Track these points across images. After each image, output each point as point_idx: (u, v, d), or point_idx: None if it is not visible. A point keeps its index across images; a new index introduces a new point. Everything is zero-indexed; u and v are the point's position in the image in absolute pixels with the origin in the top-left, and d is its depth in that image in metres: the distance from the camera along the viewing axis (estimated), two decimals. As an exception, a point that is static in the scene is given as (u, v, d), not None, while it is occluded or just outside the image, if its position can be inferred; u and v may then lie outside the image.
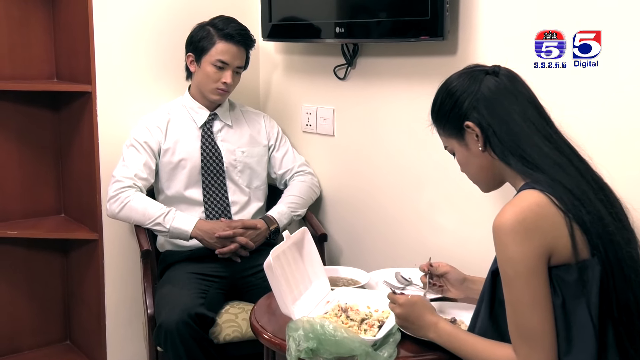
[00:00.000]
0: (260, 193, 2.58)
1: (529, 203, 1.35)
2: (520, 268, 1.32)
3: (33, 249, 2.83)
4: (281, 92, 2.85)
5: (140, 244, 2.37)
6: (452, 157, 1.60)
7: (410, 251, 2.35)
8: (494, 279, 1.43)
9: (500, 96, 1.46)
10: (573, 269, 1.34)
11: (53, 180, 2.85)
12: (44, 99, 2.77)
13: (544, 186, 1.37)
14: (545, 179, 1.38)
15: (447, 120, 1.53)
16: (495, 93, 1.47)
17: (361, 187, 2.53)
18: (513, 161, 1.43)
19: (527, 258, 1.32)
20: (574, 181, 1.38)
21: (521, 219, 1.33)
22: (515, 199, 1.38)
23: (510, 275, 1.34)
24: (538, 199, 1.35)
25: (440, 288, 1.86)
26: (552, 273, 1.35)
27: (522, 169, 1.42)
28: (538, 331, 1.32)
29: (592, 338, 1.32)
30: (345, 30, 2.34)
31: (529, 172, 1.41)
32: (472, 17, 2.06)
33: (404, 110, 2.32)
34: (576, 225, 1.34)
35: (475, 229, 2.13)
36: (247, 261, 2.39)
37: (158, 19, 2.65)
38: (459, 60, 2.08)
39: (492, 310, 1.45)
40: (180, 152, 2.46)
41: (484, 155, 1.49)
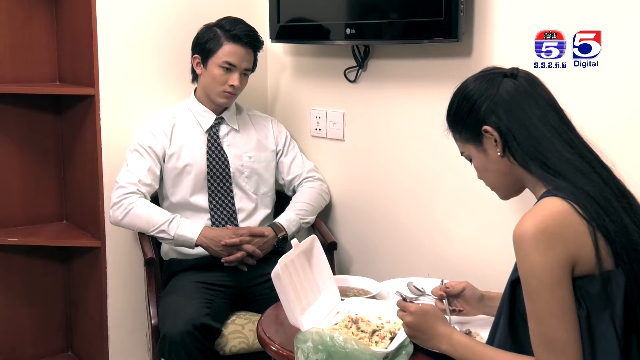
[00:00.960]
0: (267, 200, 2.57)
1: (551, 211, 1.33)
2: (544, 278, 1.31)
3: (34, 256, 2.83)
4: (290, 95, 2.84)
5: (144, 251, 2.36)
6: (467, 163, 1.59)
7: (424, 260, 2.33)
8: (514, 289, 1.41)
9: (519, 100, 1.45)
10: (597, 280, 1.32)
11: (55, 185, 2.85)
12: (46, 103, 2.78)
13: (567, 194, 1.35)
14: (568, 186, 1.37)
15: (463, 125, 1.51)
16: (514, 96, 1.45)
17: (372, 194, 2.52)
18: (534, 167, 1.42)
19: (551, 267, 1.30)
20: (597, 189, 1.36)
21: (543, 228, 1.31)
22: (536, 207, 1.37)
23: (533, 285, 1.32)
24: (560, 207, 1.34)
25: (460, 312, 1.80)
26: (576, 284, 1.33)
27: (543, 175, 1.41)
28: (564, 342, 1.31)
29: (616, 352, 1.30)
30: (356, 31, 2.33)
31: (551, 178, 1.40)
32: (488, 17, 2.05)
33: (417, 114, 2.31)
34: (600, 235, 1.32)
35: (492, 238, 2.11)
36: (254, 270, 2.38)
37: (163, 20, 2.65)
38: (474, 62, 2.07)
39: (511, 323, 1.43)
40: (185, 157, 2.45)
41: (503, 161, 1.47)
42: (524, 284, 1.34)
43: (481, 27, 2.06)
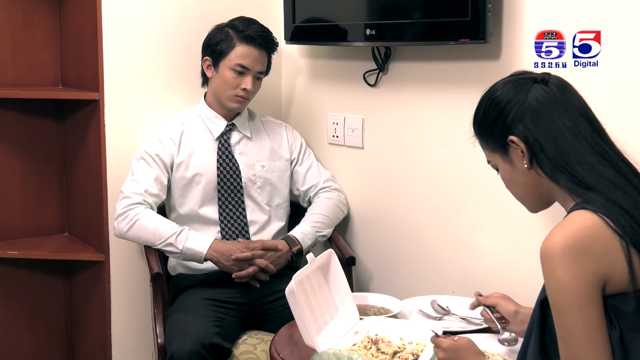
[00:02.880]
0: (281, 211, 2.58)
1: (580, 225, 1.33)
2: (572, 296, 1.30)
3: (34, 270, 2.84)
4: (305, 100, 2.85)
5: (150, 266, 2.37)
6: (495, 173, 1.59)
7: (448, 277, 2.33)
8: (543, 309, 1.41)
9: (548, 108, 1.45)
10: (631, 298, 1.32)
11: (56, 196, 2.87)
12: (48, 108, 2.80)
13: (598, 207, 1.35)
14: (599, 199, 1.36)
15: (490, 133, 1.52)
16: (543, 104, 1.46)
17: (393, 206, 2.51)
18: (562, 180, 1.42)
19: (579, 285, 1.30)
20: (632, 202, 1.36)
21: (572, 243, 1.31)
22: (564, 221, 1.36)
23: (560, 304, 1.32)
24: (590, 220, 1.33)
25: (505, 323, 1.79)
26: (608, 303, 1.33)
27: (573, 188, 1.41)
28: None
29: (653, 374, 1.30)
30: (376, 32, 2.34)
31: (581, 191, 1.40)
32: (518, 17, 2.04)
33: (442, 120, 2.31)
34: (634, 250, 1.32)
35: (520, 254, 2.11)
36: (267, 286, 2.38)
37: (172, 21, 2.67)
38: (503, 65, 2.07)
39: (542, 344, 1.42)
40: (194, 166, 2.47)
41: (530, 173, 1.48)
42: (552, 302, 1.34)
43: (510, 27, 2.06)
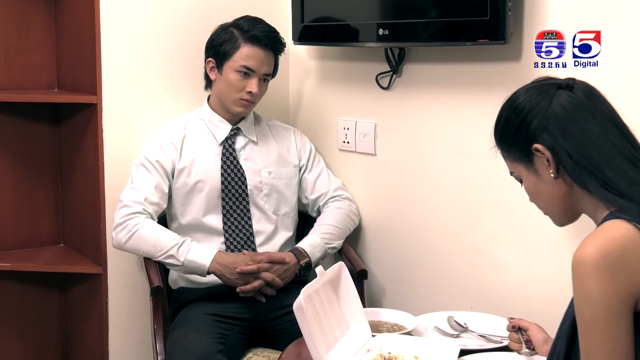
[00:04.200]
0: (289, 221, 2.58)
1: (614, 235, 1.33)
2: (600, 310, 1.30)
3: (27, 283, 2.85)
4: (314, 104, 2.85)
5: (150, 279, 2.38)
6: (516, 183, 1.59)
7: (466, 292, 2.32)
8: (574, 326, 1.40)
9: (575, 114, 1.45)
10: (665, 316, 1.31)
11: (51, 205, 2.88)
12: (43, 112, 2.81)
13: (633, 216, 1.34)
14: (634, 207, 1.36)
15: (512, 142, 1.52)
16: (569, 111, 1.46)
17: (408, 216, 2.51)
18: (594, 187, 1.42)
19: (608, 299, 1.30)
20: None
21: (605, 254, 1.30)
22: (598, 230, 1.36)
23: (586, 317, 1.32)
24: (626, 230, 1.33)
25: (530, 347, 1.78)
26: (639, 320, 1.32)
27: (605, 195, 1.40)
28: None
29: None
30: (389, 32, 2.34)
31: (615, 198, 1.39)
32: (540, 16, 2.04)
33: (459, 125, 2.30)
34: None
35: (543, 267, 2.10)
36: (274, 301, 2.38)
37: (174, 21, 2.68)
38: (524, 67, 2.07)
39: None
40: (197, 172, 2.47)
41: (558, 183, 1.47)
42: (578, 315, 1.34)
43: (532, 27, 2.06)
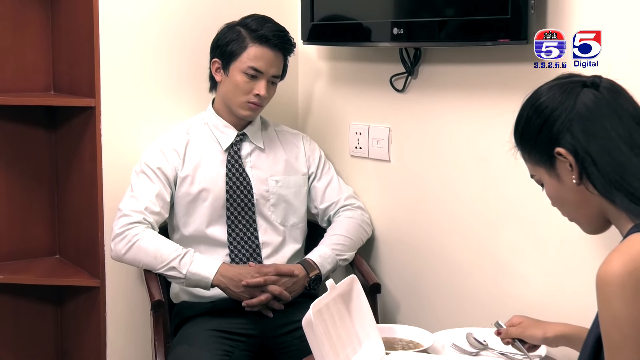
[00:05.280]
0: (297, 232, 2.58)
1: None
2: (630, 332, 1.29)
3: (21, 297, 2.85)
4: (325, 108, 2.85)
5: (151, 293, 2.37)
6: (539, 188, 1.58)
7: (485, 307, 2.31)
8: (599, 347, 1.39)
9: (600, 115, 1.44)
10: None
11: (46, 213, 2.88)
12: (38, 115, 2.82)
13: None
14: None
15: (533, 145, 1.51)
16: (594, 111, 1.45)
17: (423, 226, 2.51)
18: (618, 198, 1.41)
19: (637, 320, 1.28)
20: None
21: (631, 270, 1.29)
22: (623, 245, 1.35)
23: (615, 339, 1.31)
24: None
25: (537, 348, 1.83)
26: None
27: (630, 207, 1.39)
28: None
29: None
30: (404, 32, 2.34)
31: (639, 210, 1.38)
32: (565, 14, 2.04)
33: (478, 130, 2.30)
34: None
35: (569, 280, 2.09)
36: (282, 316, 2.38)
37: (177, 20, 2.69)
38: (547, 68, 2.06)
39: None
40: (200, 180, 2.47)
41: (580, 190, 1.46)
42: (605, 337, 1.32)
43: (556, 26, 2.06)
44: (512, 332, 1.82)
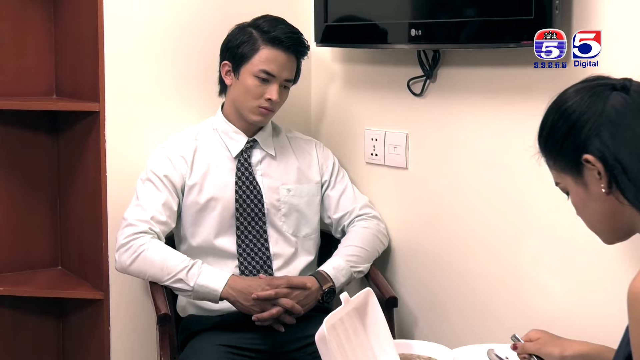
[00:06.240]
0: (310, 243, 2.58)
1: None
2: None
3: (22, 309, 2.86)
4: (339, 113, 2.86)
5: (157, 306, 2.38)
6: (564, 197, 1.57)
7: (507, 322, 2.30)
8: None
9: (631, 120, 1.43)
10: None
11: (48, 223, 2.89)
12: (40, 120, 2.83)
13: None
14: None
15: (559, 151, 1.50)
16: (624, 116, 1.44)
17: (442, 237, 2.50)
18: None
19: None
20: None
21: None
22: None
23: None
24: None
25: None
26: None
27: None
28: None
29: None
30: (422, 33, 2.34)
31: None
32: (592, 14, 2.04)
33: (499, 136, 2.30)
34: None
35: (594, 293, 2.08)
36: (294, 331, 2.38)
37: (185, 21, 2.70)
38: (573, 71, 2.05)
39: None
40: (209, 189, 2.48)
41: (609, 199, 1.45)
42: (636, 356, 1.31)
43: (582, 27, 2.06)
44: (529, 348, 1.80)
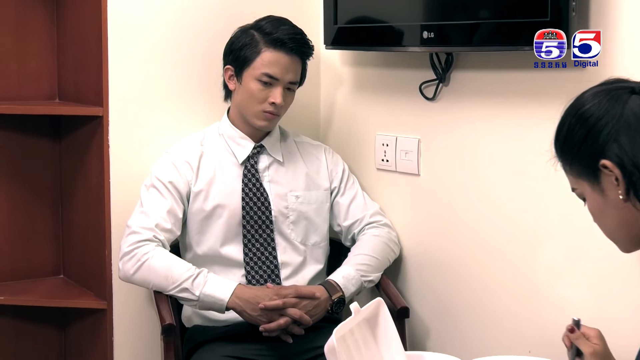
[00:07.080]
0: (319, 252, 2.58)
1: None
2: None
3: (23, 319, 2.87)
4: (349, 117, 2.86)
5: (161, 316, 2.38)
6: (581, 203, 1.57)
7: (522, 333, 2.30)
8: None
9: None
10: None
11: (50, 230, 2.90)
12: (42, 125, 2.84)
13: None
14: None
15: (576, 156, 1.50)
16: None
17: (455, 246, 2.50)
18: None
19: None
20: None
21: None
22: None
23: None
24: None
25: None
26: None
27: None
28: None
29: None
30: (435, 35, 2.34)
31: None
32: (610, 16, 2.04)
33: (514, 141, 2.30)
34: None
35: (613, 305, 2.08)
36: (302, 342, 2.38)
37: (190, 24, 2.70)
38: (589, 74, 2.05)
39: None
40: (215, 196, 2.48)
41: (626, 207, 1.45)
42: None
43: (599, 28, 2.06)
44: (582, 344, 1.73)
